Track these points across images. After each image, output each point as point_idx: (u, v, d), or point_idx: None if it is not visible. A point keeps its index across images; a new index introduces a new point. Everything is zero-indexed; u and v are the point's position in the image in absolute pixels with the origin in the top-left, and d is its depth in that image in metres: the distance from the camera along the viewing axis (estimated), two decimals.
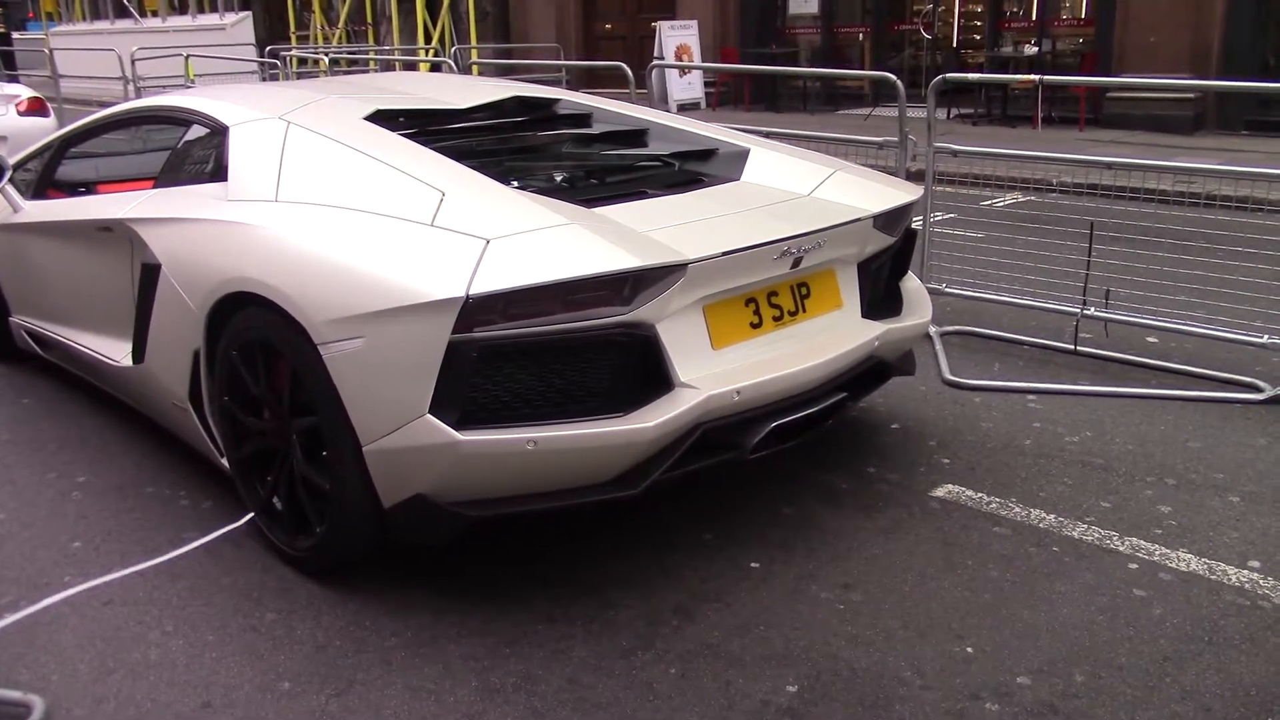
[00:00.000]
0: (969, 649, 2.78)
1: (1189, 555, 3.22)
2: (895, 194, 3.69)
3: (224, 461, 3.45)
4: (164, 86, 12.12)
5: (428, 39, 18.40)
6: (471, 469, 2.77)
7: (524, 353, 2.76)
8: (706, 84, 15.70)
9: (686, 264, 2.89)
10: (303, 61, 14.68)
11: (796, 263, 3.22)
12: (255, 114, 3.71)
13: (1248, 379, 4.56)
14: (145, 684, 2.70)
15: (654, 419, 2.84)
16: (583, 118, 4.40)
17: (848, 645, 2.80)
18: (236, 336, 3.19)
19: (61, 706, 2.62)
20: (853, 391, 3.45)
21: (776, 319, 3.26)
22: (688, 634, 2.86)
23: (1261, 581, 3.07)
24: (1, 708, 2.58)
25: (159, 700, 2.64)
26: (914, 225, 3.91)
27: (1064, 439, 4.08)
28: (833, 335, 3.39)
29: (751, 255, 3.08)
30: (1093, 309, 4.99)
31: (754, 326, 3.20)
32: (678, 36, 15.36)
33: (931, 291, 4.61)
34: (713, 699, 2.60)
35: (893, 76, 5.90)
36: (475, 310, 2.66)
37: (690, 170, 3.92)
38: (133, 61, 13.66)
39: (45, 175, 4.69)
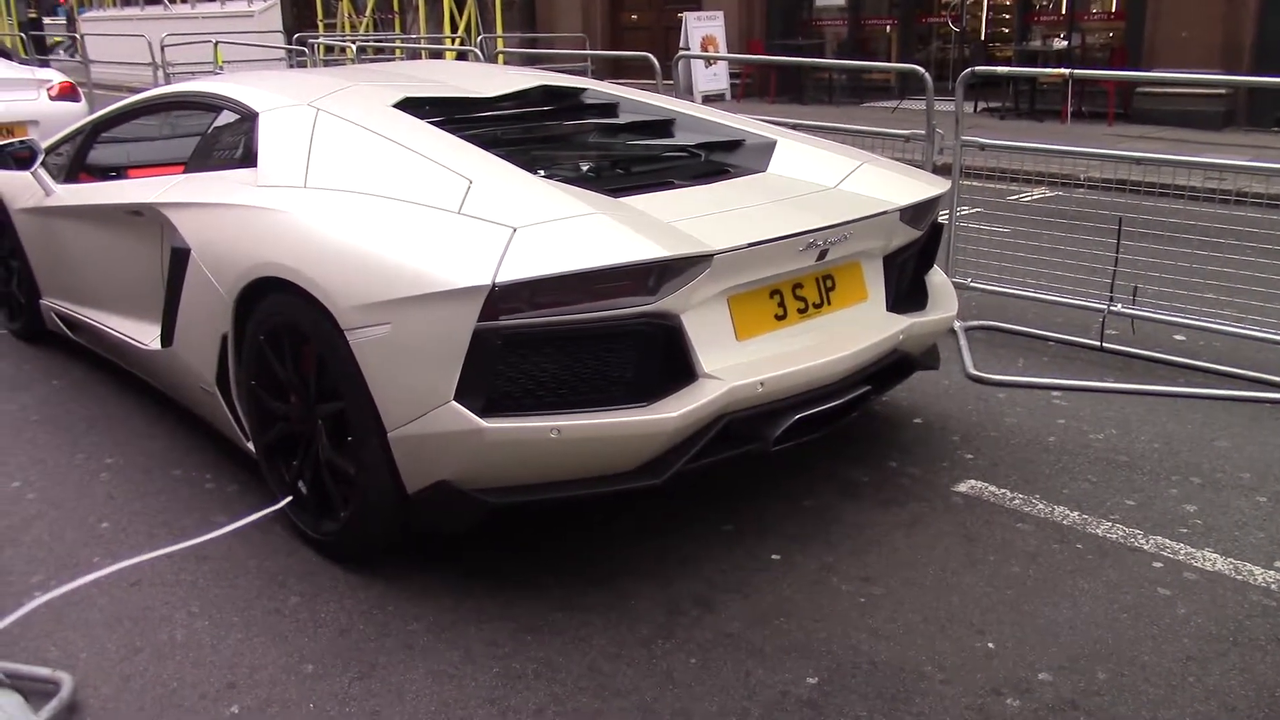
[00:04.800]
0: (990, 644, 2.77)
1: (1214, 555, 3.20)
2: (922, 187, 3.68)
3: (250, 446, 3.48)
4: (193, 73, 12.20)
5: (454, 28, 18.43)
6: (495, 456, 2.78)
7: (549, 341, 2.77)
8: (732, 75, 15.66)
9: (712, 255, 2.89)
10: (330, 49, 14.73)
11: (822, 255, 3.21)
12: (284, 100, 3.73)
13: (1277, 379, 4.52)
14: (172, 664, 2.73)
15: (677, 409, 2.85)
16: (609, 107, 4.40)
17: (868, 638, 2.80)
18: (264, 321, 3.22)
19: (89, 684, 2.66)
20: (876, 385, 3.45)
21: (801, 311, 3.26)
22: (707, 624, 2.87)
23: None
24: (30, 684, 2.61)
25: (185, 680, 2.67)
26: (940, 219, 3.89)
27: (1089, 436, 4.06)
28: (857, 328, 3.38)
29: (777, 247, 3.07)
30: (1120, 306, 4.96)
31: (778, 318, 3.20)
32: (704, 28, 15.32)
33: (957, 286, 4.59)
34: (732, 689, 2.60)
35: (920, 69, 5.87)
36: (501, 298, 2.67)
37: (716, 161, 3.91)
38: (162, 48, 13.74)
39: (76, 159, 4.73)
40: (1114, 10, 13.72)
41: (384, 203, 3.10)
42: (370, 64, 12.38)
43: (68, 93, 9.49)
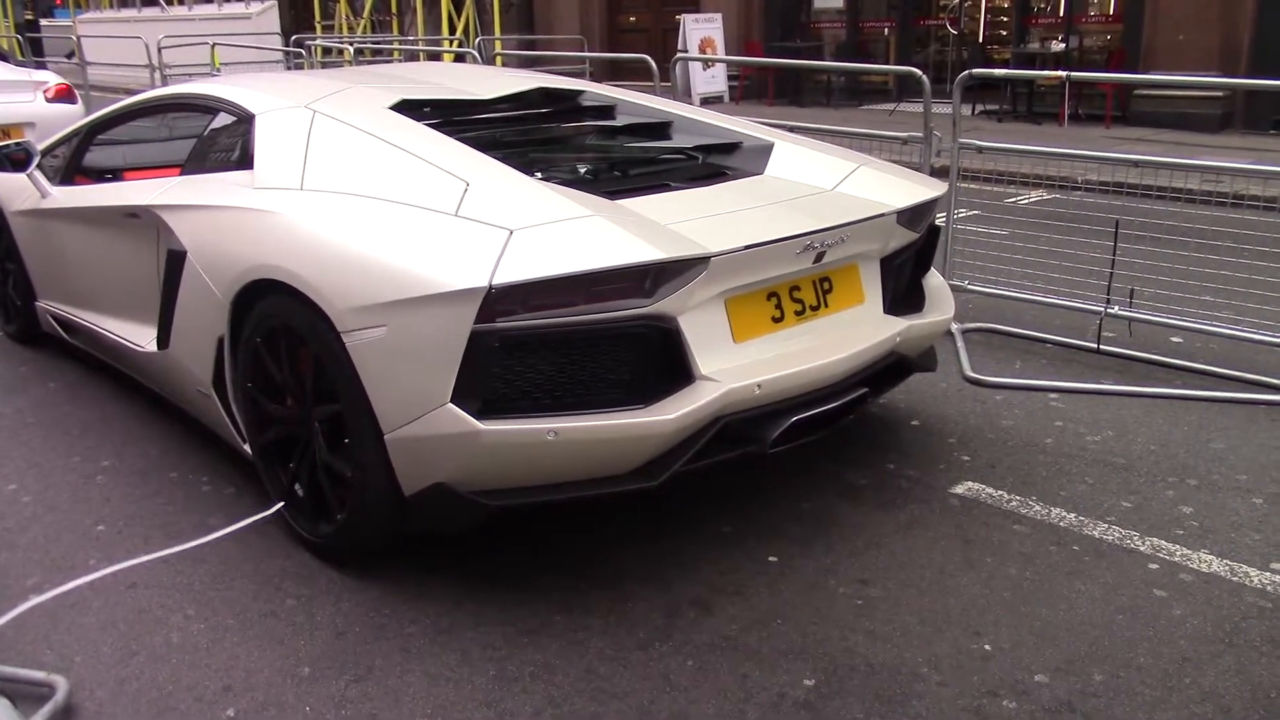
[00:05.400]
0: (987, 646, 2.77)
1: (1210, 556, 3.20)
2: (919, 190, 3.68)
3: (247, 448, 3.47)
4: (190, 74, 12.19)
5: (452, 30, 18.43)
6: (492, 458, 2.78)
7: (546, 343, 2.77)
8: (730, 78, 15.67)
9: (709, 257, 2.89)
10: (327, 51, 14.72)
11: (819, 257, 3.21)
12: (281, 102, 3.73)
13: (1273, 380, 4.52)
14: (167, 667, 2.73)
15: (674, 411, 2.85)
16: (606, 110, 4.40)
17: (865, 640, 2.80)
18: (261, 323, 3.22)
19: (84, 688, 2.65)
20: (873, 387, 3.44)
21: (798, 313, 3.26)
22: (705, 626, 2.86)
23: None
24: (25, 688, 2.61)
25: (181, 683, 2.66)
26: (938, 221, 3.90)
27: (1085, 438, 4.06)
28: (854, 330, 3.38)
29: (774, 249, 3.08)
30: (1117, 308, 4.96)
31: (776, 320, 3.20)
32: (702, 30, 15.33)
33: (954, 288, 4.59)
34: (730, 692, 2.60)
35: (918, 72, 5.87)
36: (498, 300, 2.67)
37: (714, 164, 3.91)
38: (159, 49, 13.73)
39: (72, 161, 4.73)
40: (1111, 13, 13.74)
41: (381, 205, 3.10)
42: (368, 66, 12.38)
43: (64, 95, 9.49)
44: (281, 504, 3.27)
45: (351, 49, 13.31)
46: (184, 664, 2.74)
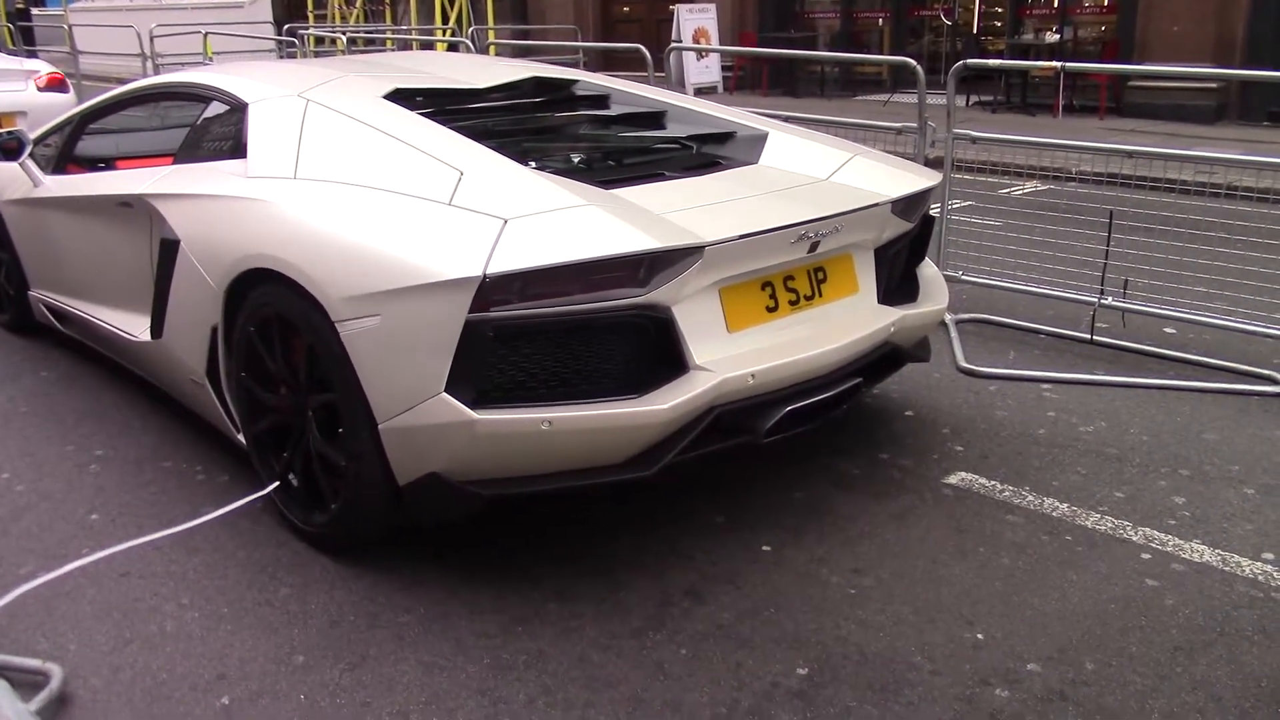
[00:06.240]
0: (979, 635, 2.78)
1: (1202, 546, 3.21)
2: (914, 180, 3.68)
3: (240, 437, 3.47)
4: (182, 63, 12.14)
5: (445, 19, 18.36)
6: (486, 448, 2.78)
7: (540, 333, 2.77)
8: (724, 68, 15.64)
9: (703, 246, 2.89)
10: (320, 40, 14.67)
11: (813, 247, 3.21)
12: (274, 91, 3.72)
13: (1266, 371, 4.53)
14: (162, 655, 2.73)
15: (668, 401, 2.85)
16: (600, 99, 4.39)
17: (858, 629, 2.81)
18: (254, 313, 3.21)
19: (79, 675, 2.65)
20: (867, 377, 3.45)
21: (792, 303, 3.26)
22: (698, 615, 2.87)
23: (1275, 574, 3.06)
24: (20, 675, 2.60)
25: (175, 671, 2.67)
26: (932, 212, 3.90)
27: (1079, 428, 4.07)
28: (848, 320, 3.38)
29: (768, 239, 3.08)
30: (1110, 299, 4.97)
31: (770, 310, 3.20)
32: (696, 20, 15.30)
33: (948, 279, 4.60)
34: (723, 680, 2.61)
35: (913, 62, 5.86)
36: (492, 290, 2.67)
37: (708, 153, 3.91)
38: (151, 38, 13.67)
39: (65, 150, 4.71)
40: (1106, 4, 13.72)
41: (374, 194, 3.09)
42: (361, 55, 12.34)
43: (56, 84, 9.45)
44: (276, 483, 3.27)
45: (344, 38, 13.27)
46: (178, 652, 2.74)
